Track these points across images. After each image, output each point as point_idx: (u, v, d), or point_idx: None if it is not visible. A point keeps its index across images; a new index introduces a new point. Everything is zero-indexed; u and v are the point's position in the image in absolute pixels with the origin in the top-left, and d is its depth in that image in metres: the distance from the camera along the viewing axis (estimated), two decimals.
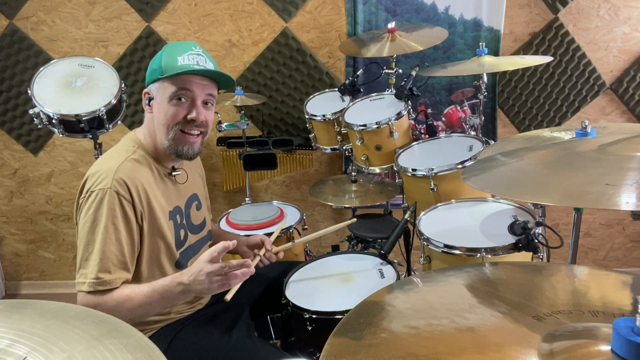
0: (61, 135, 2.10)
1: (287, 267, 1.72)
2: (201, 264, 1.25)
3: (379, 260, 1.68)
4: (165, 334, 1.44)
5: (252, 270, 1.29)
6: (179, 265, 1.47)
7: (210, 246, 1.69)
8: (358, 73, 2.41)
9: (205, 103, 1.42)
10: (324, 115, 2.28)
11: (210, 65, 1.42)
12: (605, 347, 0.65)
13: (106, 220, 1.28)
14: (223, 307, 1.57)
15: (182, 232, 1.50)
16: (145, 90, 1.44)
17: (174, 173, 1.48)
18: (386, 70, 2.33)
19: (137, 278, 1.39)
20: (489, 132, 2.72)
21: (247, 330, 1.52)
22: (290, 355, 1.48)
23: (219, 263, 1.25)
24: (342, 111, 2.22)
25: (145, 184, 1.36)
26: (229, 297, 1.32)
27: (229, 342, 1.43)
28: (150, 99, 1.43)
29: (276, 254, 1.61)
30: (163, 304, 1.31)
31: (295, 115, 2.77)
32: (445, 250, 1.42)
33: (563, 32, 2.55)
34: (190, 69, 1.36)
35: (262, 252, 1.58)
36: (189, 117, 1.38)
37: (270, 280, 1.69)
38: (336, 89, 2.42)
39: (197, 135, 1.43)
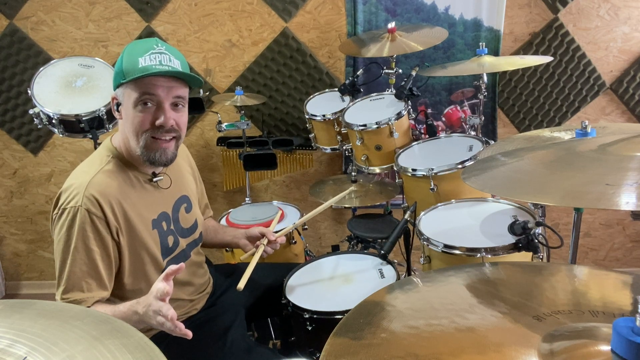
0: (61, 135, 2.09)
1: (286, 268, 1.72)
2: (150, 299, 1.17)
3: (379, 260, 1.68)
4: (159, 341, 1.42)
5: (184, 332, 1.14)
6: None
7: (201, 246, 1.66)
8: (358, 73, 2.40)
9: (174, 105, 1.32)
10: (324, 115, 2.28)
11: (175, 64, 1.31)
12: (605, 347, 0.65)
13: (77, 240, 1.26)
14: (218, 311, 1.57)
15: (170, 239, 1.45)
16: (112, 95, 1.36)
17: (155, 179, 1.42)
18: (386, 70, 2.33)
19: (122, 290, 1.38)
20: (489, 132, 2.72)
21: (242, 334, 1.50)
22: (286, 357, 1.47)
23: (162, 302, 1.14)
24: (342, 111, 2.22)
25: (120, 197, 1.32)
26: (241, 285, 1.31)
27: (223, 347, 1.42)
28: (118, 105, 1.35)
29: (277, 241, 1.61)
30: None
31: (295, 115, 2.77)
32: (445, 250, 1.42)
33: (563, 32, 2.54)
34: (152, 71, 1.25)
35: (265, 241, 1.58)
36: (157, 122, 1.29)
37: (270, 282, 1.69)
38: (336, 89, 2.42)
39: (170, 140, 1.34)
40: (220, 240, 1.76)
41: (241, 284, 1.33)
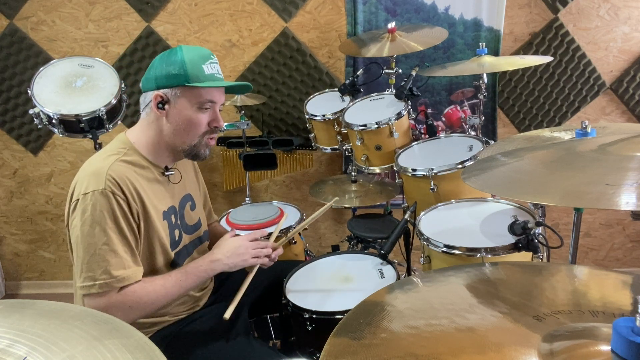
0: (61, 135, 2.09)
1: (286, 267, 1.72)
2: (239, 241, 1.49)
3: (379, 260, 1.68)
4: (162, 337, 1.43)
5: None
6: (175, 265, 1.46)
7: (208, 246, 1.69)
8: (358, 73, 2.41)
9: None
10: (324, 115, 2.28)
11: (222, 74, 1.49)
12: (605, 347, 0.65)
13: (107, 220, 1.27)
14: (220, 308, 1.57)
15: (176, 233, 1.49)
16: (158, 93, 1.38)
17: (167, 173, 1.47)
18: (386, 70, 2.33)
19: None
20: (489, 132, 2.72)
21: (245, 331, 1.51)
22: (288, 356, 1.47)
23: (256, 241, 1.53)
24: (342, 111, 2.22)
25: (137, 185, 1.35)
26: (227, 315, 1.35)
27: (226, 344, 1.43)
28: (163, 103, 1.39)
29: (274, 252, 1.60)
30: (192, 285, 1.42)
31: (295, 115, 2.77)
32: (445, 250, 1.42)
33: (563, 32, 2.55)
34: (218, 81, 1.42)
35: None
36: (214, 125, 1.44)
37: (270, 280, 1.69)
38: (336, 89, 2.42)
39: (213, 138, 1.49)
40: None
41: (227, 314, 1.36)
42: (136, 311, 1.30)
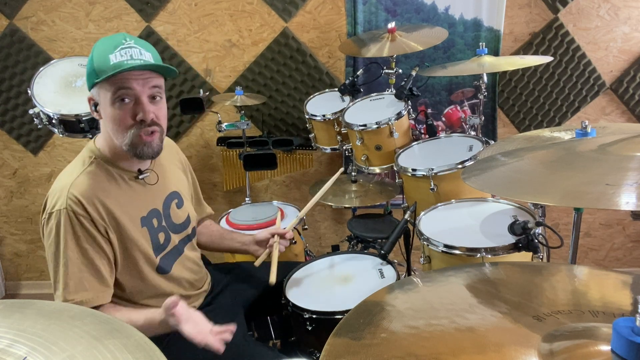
0: (61, 135, 2.09)
1: (286, 267, 1.72)
2: (205, 323, 1.26)
3: (379, 260, 1.68)
4: (161, 337, 1.42)
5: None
6: (161, 271, 1.44)
7: (198, 244, 1.66)
8: (358, 73, 2.40)
9: (152, 97, 1.31)
10: (324, 115, 2.28)
11: (147, 56, 1.29)
12: (605, 347, 0.65)
13: (68, 242, 1.26)
14: (216, 310, 1.56)
15: (161, 236, 1.45)
16: (89, 96, 1.33)
17: (141, 176, 1.41)
18: (386, 70, 2.33)
19: (122, 292, 1.38)
20: (489, 132, 2.72)
21: (242, 332, 1.50)
22: (286, 356, 1.47)
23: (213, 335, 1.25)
24: (342, 111, 2.22)
25: (103, 197, 1.31)
26: (273, 279, 1.39)
27: (225, 344, 1.42)
28: (96, 105, 1.33)
29: (286, 238, 1.63)
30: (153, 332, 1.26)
31: (295, 115, 2.77)
32: (445, 250, 1.42)
33: (563, 32, 2.54)
34: (124, 67, 1.23)
35: (276, 240, 1.57)
36: (137, 118, 1.28)
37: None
38: (336, 89, 2.42)
39: (152, 133, 1.32)
40: (227, 246, 1.76)
41: (272, 279, 1.39)
42: None
